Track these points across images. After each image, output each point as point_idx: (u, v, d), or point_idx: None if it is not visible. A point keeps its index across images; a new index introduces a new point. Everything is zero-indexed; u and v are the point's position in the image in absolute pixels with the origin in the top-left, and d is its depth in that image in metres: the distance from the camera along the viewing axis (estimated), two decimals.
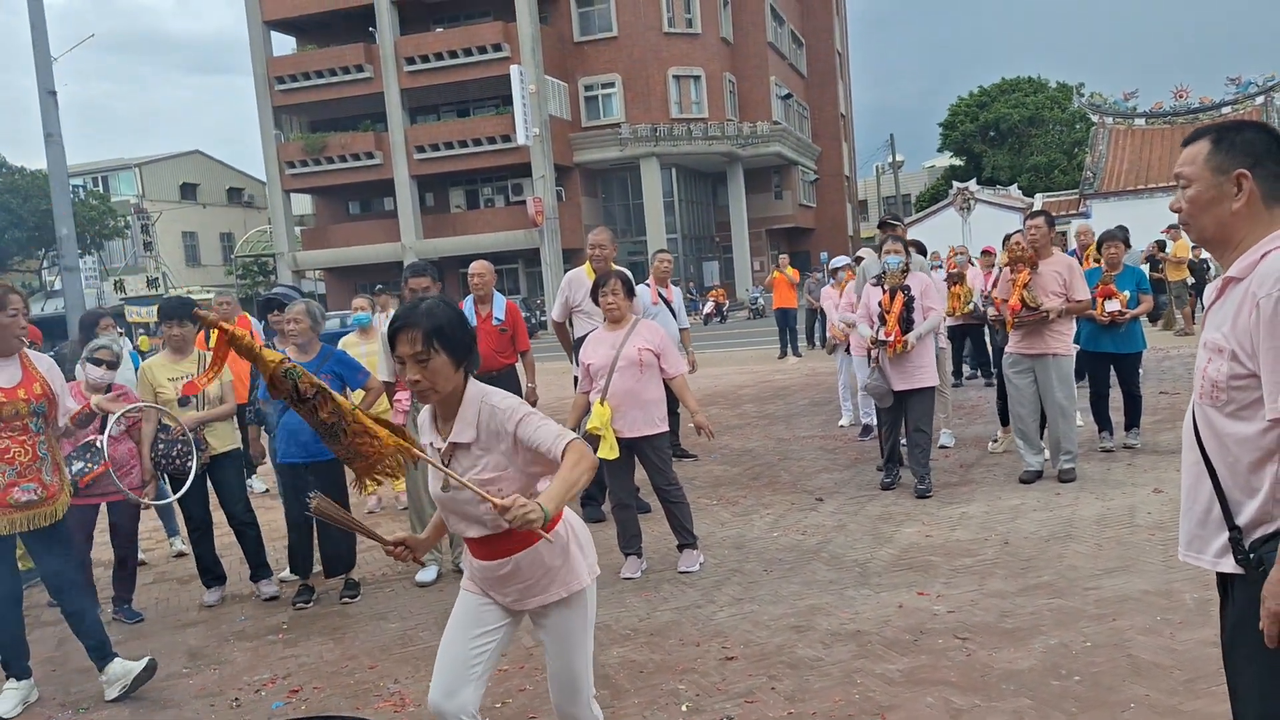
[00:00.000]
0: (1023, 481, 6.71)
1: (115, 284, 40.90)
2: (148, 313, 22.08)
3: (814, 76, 51.69)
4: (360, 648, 4.68)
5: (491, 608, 2.79)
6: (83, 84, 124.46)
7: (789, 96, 46.23)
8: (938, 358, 7.09)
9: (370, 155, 38.37)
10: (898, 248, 6.77)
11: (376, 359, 6.10)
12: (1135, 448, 7.42)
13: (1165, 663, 3.70)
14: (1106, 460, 7.20)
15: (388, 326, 2.72)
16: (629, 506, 5.50)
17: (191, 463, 5.28)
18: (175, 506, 6.48)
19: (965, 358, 12.04)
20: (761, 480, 7.61)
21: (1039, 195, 37.46)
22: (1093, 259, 8.84)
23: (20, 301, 4.11)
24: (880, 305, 6.71)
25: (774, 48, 44.68)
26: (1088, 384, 7.69)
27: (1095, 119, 33.85)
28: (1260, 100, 30.96)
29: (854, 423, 9.35)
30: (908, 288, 6.67)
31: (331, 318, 17.29)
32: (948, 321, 8.95)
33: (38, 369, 4.17)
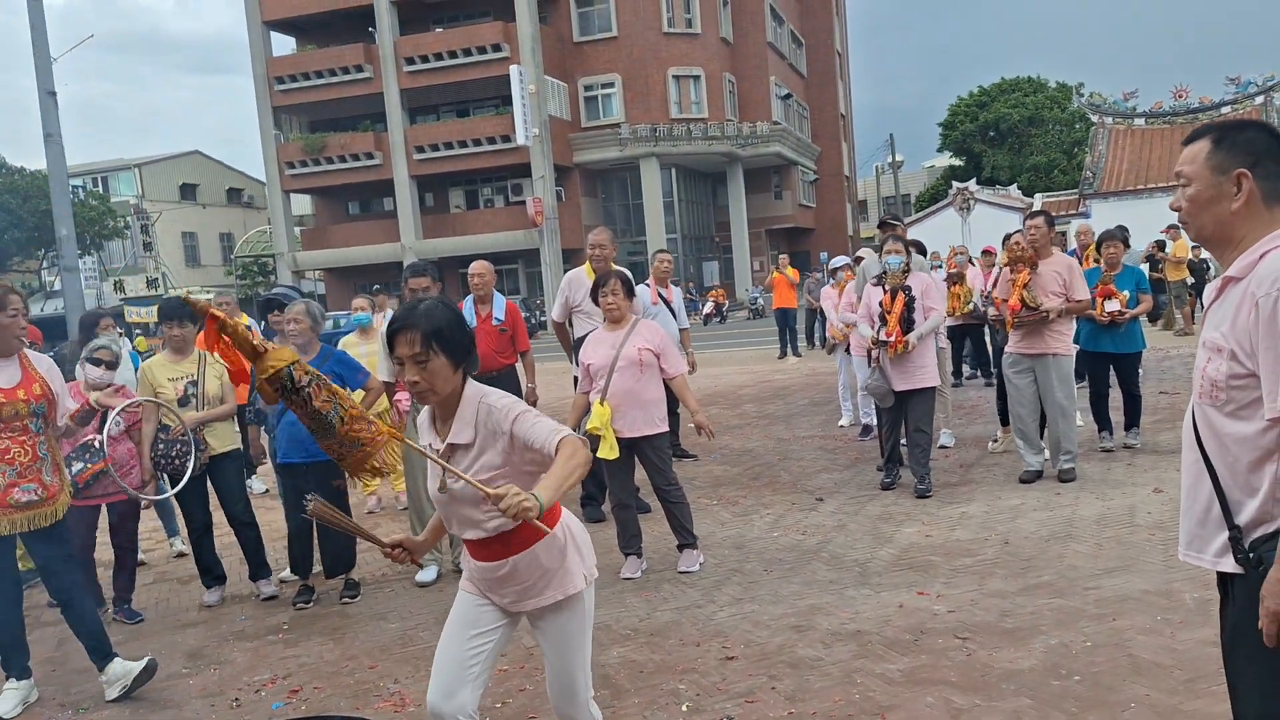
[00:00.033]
0: (1023, 481, 6.71)
1: (115, 284, 40.87)
2: (147, 313, 22.08)
3: (814, 76, 51.68)
4: (360, 648, 4.68)
5: (489, 608, 2.78)
6: (83, 84, 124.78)
7: (789, 96, 46.22)
8: (938, 358, 7.09)
9: (370, 155, 38.37)
10: (898, 248, 6.77)
11: (376, 359, 6.10)
12: (1135, 447, 7.43)
13: (1165, 662, 3.70)
14: (1106, 460, 7.20)
15: (386, 328, 2.72)
16: (629, 506, 5.50)
17: (191, 462, 5.28)
18: (175, 507, 6.49)
19: (965, 358, 12.04)
20: (761, 480, 7.61)
21: (1039, 195, 37.44)
22: (1092, 259, 8.85)
23: (20, 302, 4.11)
24: (881, 305, 6.70)
25: (774, 48, 44.67)
26: (1087, 384, 7.70)
27: (1095, 119, 33.85)
28: (1260, 100, 30.96)
29: (854, 423, 9.35)
30: (909, 288, 6.67)
31: (327, 318, 17.21)
32: (948, 321, 8.95)
33: (37, 369, 4.17)
